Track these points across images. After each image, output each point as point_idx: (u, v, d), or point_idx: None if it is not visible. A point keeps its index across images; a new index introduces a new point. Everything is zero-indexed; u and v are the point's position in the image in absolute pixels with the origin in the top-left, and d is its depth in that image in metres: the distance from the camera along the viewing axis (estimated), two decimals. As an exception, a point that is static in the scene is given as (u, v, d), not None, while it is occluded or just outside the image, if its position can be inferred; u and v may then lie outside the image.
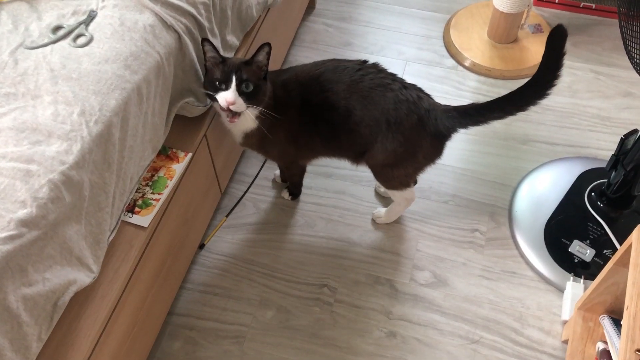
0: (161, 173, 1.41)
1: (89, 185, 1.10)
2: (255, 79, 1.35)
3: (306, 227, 1.80)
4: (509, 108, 1.38)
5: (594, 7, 2.40)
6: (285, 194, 1.86)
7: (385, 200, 1.85)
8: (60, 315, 1.07)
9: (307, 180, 1.87)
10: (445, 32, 2.38)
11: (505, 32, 2.25)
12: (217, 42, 1.51)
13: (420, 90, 1.46)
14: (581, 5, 2.41)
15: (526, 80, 1.35)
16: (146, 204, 1.36)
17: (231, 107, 1.35)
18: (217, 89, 1.35)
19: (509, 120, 2.03)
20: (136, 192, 1.37)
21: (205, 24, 1.43)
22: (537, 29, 2.34)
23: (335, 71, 1.45)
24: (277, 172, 1.90)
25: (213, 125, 1.57)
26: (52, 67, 1.15)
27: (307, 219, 1.82)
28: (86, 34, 1.23)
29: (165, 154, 1.45)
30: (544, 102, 2.06)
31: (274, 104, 1.44)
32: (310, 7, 2.48)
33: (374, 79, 1.43)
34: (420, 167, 1.54)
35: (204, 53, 1.36)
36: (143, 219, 1.33)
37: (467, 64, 2.26)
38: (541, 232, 1.73)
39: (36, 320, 1.01)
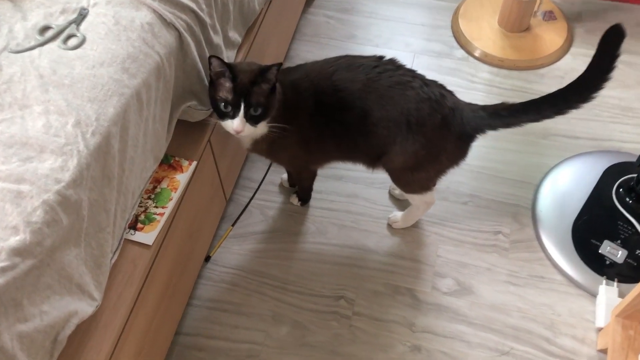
0: (164, 184, 1.31)
1: (88, 204, 1.00)
2: (264, 100, 1.26)
3: (318, 234, 1.70)
4: (547, 110, 1.28)
5: (607, -8, 2.32)
6: (294, 200, 1.76)
7: (400, 204, 1.76)
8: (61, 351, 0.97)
9: (316, 184, 1.77)
10: (454, 21, 2.29)
11: (518, 19, 2.16)
12: (219, 40, 1.40)
13: (442, 87, 1.37)
14: (594, -10, 2.32)
15: (541, 70, 1.25)
16: (149, 219, 1.25)
17: (241, 135, 1.27)
18: (224, 114, 1.26)
19: (527, 113, 1.95)
20: (138, 206, 1.27)
21: (207, 20, 1.33)
22: (550, 16, 2.25)
23: (350, 69, 1.35)
24: (285, 176, 1.80)
25: (217, 130, 1.46)
26: (42, 73, 1.05)
27: (319, 225, 1.72)
28: (78, 35, 1.12)
29: (168, 163, 1.35)
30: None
31: (283, 106, 1.34)
32: (310, -1, 2.38)
33: (392, 77, 1.33)
34: (442, 170, 1.44)
35: (210, 66, 1.25)
36: (147, 236, 1.22)
37: (477, 54, 2.16)
38: (568, 232, 1.65)
39: (34, 359, 0.90)
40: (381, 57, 1.37)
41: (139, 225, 1.24)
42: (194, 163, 1.35)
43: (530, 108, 1.29)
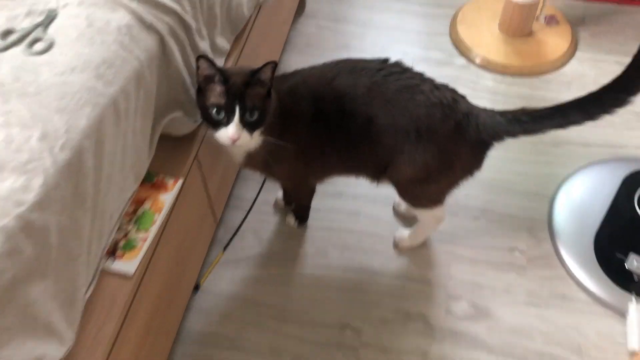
0: (147, 206, 1.18)
1: (57, 229, 0.87)
2: (260, 103, 1.15)
3: (318, 257, 1.57)
4: (576, 116, 1.17)
5: (610, -6, 2.24)
6: (291, 220, 1.63)
7: (407, 221, 1.64)
8: (26, 405, 0.83)
9: (314, 202, 1.64)
10: (452, 28, 2.20)
11: (520, 24, 2.07)
12: (205, 46, 1.29)
13: (454, 91, 1.26)
14: (597, -7, 2.25)
15: (547, 76, 1.14)
16: (131, 246, 1.12)
17: (236, 143, 1.15)
18: (217, 123, 1.14)
19: (535, 121, 1.85)
20: (117, 231, 1.13)
21: (192, 23, 1.21)
22: (552, 20, 2.17)
23: (352, 73, 1.24)
24: (280, 194, 1.67)
25: (205, 143, 1.34)
26: (2, 81, 0.92)
27: (318, 247, 1.60)
28: (45, 38, 1.00)
29: (151, 181, 1.22)
30: (571, 98, 1.90)
31: (279, 115, 1.22)
32: (300, 8, 2.28)
33: (399, 80, 1.22)
34: (455, 181, 1.33)
35: (197, 70, 1.13)
36: (128, 265, 1.09)
37: (479, 61, 2.07)
38: (590, 246, 1.53)
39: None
40: (386, 60, 1.26)
41: (119, 252, 1.11)
42: (180, 181, 1.22)
43: (555, 113, 1.18)
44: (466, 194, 1.68)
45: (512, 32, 2.10)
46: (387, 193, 1.65)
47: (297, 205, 1.61)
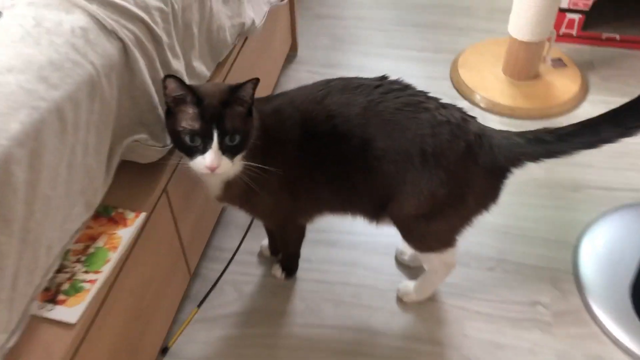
0: (100, 243, 1.00)
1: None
2: (241, 124, 1.01)
3: (309, 314, 1.37)
4: (610, 131, 1.01)
5: (618, 39, 2.16)
6: (277, 272, 1.44)
7: (412, 271, 1.45)
8: None
9: (305, 251, 1.46)
10: (453, 72, 2.09)
11: (525, 67, 1.97)
12: (179, 66, 1.16)
13: (463, 111, 1.12)
14: (604, 38, 2.17)
15: (558, 119, 1.01)
16: (76, 289, 0.93)
17: (214, 172, 1.00)
18: (191, 150, 0.99)
19: (549, 164, 1.69)
20: (62, 271, 0.95)
21: (163, 37, 1.08)
22: (559, 63, 2.07)
23: (346, 91, 1.10)
24: (265, 242, 1.49)
25: (177, 176, 1.18)
26: None
27: (309, 302, 1.39)
28: (-19, 36, 0.86)
29: (108, 215, 1.05)
30: (586, 141, 1.76)
31: (262, 138, 1.07)
32: (292, 53, 2.19)
33: (399, 97, 1.08)
34: (468, 216, 1.16)
35: (165, 91, 0.99)
36: (69, 312, 0.90)
37: (484, 104, 1.95)
38: (626, 299, 1.34)
39: None
40: (384, 77, 1.12)
41: (61, 297, 0.92)
42: (142, 215, 1.05)
43: (585, 130, 1.03)
44: (478, 242, 1.51)
45: (518, 74, 2.00)
46: (387, 241, 1.49)
47: (285, 254, 1.43)
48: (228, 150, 1.00)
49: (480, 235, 1.52)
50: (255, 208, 1.21)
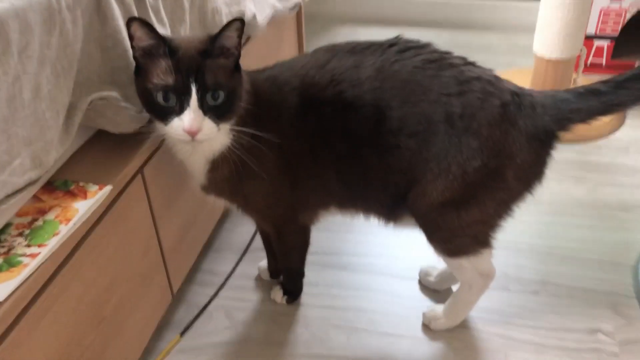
0: (50, 216, 0.81)
1: None
2: (226, 79, 0.85)
3: (315, 343, 1.14)
4: None
5: (652, 67, 2.03)
6: (278, 295, 1.22)
7: (439, 296, 1.22)
8: None
9: (311, 275, 1.25)
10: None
11: (555, 87, 1.82)
12: (164, 32, 1.01)
13: (493, 73, 0.95)
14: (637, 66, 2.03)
15: (597, 142, 0.87)
16: (10, 264, 0.73)
17: (196, 137, 0.83)
18: (166, 112, 0.83)
19: (592, 184, 1.52)
20: (-3, 245, 0.76)
21: (145, -7, 0.95)
22: (591, 90, 1.92)
23: (354, 52, 0.95)
24: (263, 263, 1.28)
25: (157, 163, 1.01)
26: None
27: (315, 330, 1.16)
28: None
29: (65, 189, 0.87)
30: (632, 163, 1.58)
31: (255, 106, 0.91)
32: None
33: (419, 55, 0.93)
34: (507, 201, 0.96)
35: (131, 40, 0.85)
36: (-4, 288, 0.70)
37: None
38: None
39: None
40: (398, 37, 0.97)
41: (-10, 272, 0.72)
42: (107, 188, 0.87)
43: None
44: (516, 264, 1.30)
45: (547, 99, 1.85)
46: (408, 264, 1.29)
47: (286, 271, 1.21)
48: (211, 111, 0.84)
49: (516, 256, 1.31)
50: (249, 199, 1.02)
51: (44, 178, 0.82)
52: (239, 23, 0.84)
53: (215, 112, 0.84)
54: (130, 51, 0.91)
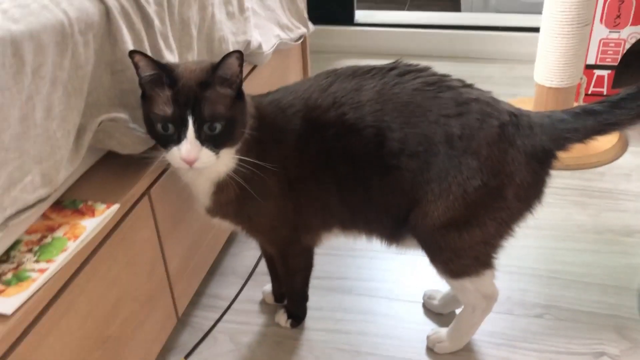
0: (59, 233, 0.83)
1: None
2: (224, 109, 0.87)
3: (319, 367, 1.14)
4: None
5: (652, 96, 2.05)
6: (282, 319, 1.22)
7: (443, 319, 1.22)
8: None
9: (315, 299, 1.26)
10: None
11: (557, 115, 1.85)
12: (172, 58, 1.05)
13: (491, 94, 0.98)
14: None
15: (599, 169, 0.91)
16: (19, 279, 0.75)
17: (194, 166, 0.86)
18: (166, 140, 0.87)
19: (595, 210, 1.53)
20: (7, 262, 0.78)
21: (155, 21, 1.00)
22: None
23: (355, 76, 0.98)
24: (268, 287, 1.29)
25: (164, 186, 1.03)
26: None
27: (320, 354, 1.17)
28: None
29: (74, 208, 0.89)
30: (634, 189, 1.59)
31: (259, 130, 0.94)
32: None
33: (418, 78, 0.96)
34: (507, 221, 0.97)
35: (136, 68, 0.88)
36: (4, 302, 0.71)
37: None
38: None
39: None
40: (398, 60, 1.00)
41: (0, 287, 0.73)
42: (115, 207, 0.89)
43: None
44: (520, 288, 1.30)
45: (548, 127, 1.87)
46: (411, 288, 1.29)
47: (290, 294, 1.22)
48: (209, 141, 0.86)
49: (520, 281, 1.31)
50: (253, 221, 1.04)
51: (53, 196, 0.84)
52: (239, 54, 0.87)
53: (213, 141, 0.86)
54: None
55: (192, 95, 0.85)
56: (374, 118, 0.94)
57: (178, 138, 0.85)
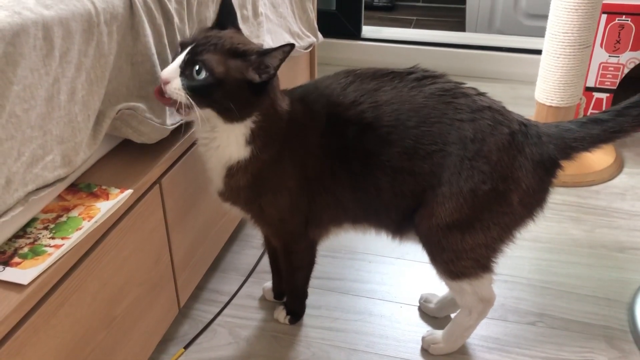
0: (74, 213, 0.86)
1: None
2: (223, 69, 0.90)
3: (315, 362, 1.16)
4: None
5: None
6: (281, 315, 1.25)
7: (438, 322, 1.25)
8: None
9: (314, 298, 1.29)
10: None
11: (555, 135, 1.89)
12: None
13: (502, 104, 1.02)
14: (634, 119, 2.11)
15: (594, 187, 0.96)
16: (35, 253, 0.78)
17: (164, 87, 0.90)
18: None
19: (590, 226, 1.56)
20: (24, 237, 0.80)
21: (175, 18, 1.04)
22: (589, 139, 1.99)
23: (375, 77, 1.02)
24: (268, 284, 1.31)
25: (174, 177, 1.06)
26: None
27: (316, 350, 1.19)
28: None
29: (89, 191, 0.91)
30: (628, 208, 1.63)
31: (286, 126, 0.98)
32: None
33: (435, 83, 1.00)
34: (510, 226, 1.00)
35: None
36: (21, 273, 0.74)
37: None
38: (702, 358, 1.11)
39: None
40: (416, 66, 1.04)
41: (16, 259, 0.76)
42: (128, 192, 0.92)
43: None
44: (514, 296, 1.33)
45: (547, 145, 1.91)
46: (408, 291, 1.32)
47: (290, 290, 1.24)
48: (189, 80, 0.89)
49: (514, 289, 1.34)
50: (264, 211, 1.06)
51: (70, 177, 0.87)
52: (289, 47, 0.91)
53: (191, 84, 0.89)
54: (158, 68, 0.98)
55: (202, 40, 0.91)
56: (391, 118, 0.97)
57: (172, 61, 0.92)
